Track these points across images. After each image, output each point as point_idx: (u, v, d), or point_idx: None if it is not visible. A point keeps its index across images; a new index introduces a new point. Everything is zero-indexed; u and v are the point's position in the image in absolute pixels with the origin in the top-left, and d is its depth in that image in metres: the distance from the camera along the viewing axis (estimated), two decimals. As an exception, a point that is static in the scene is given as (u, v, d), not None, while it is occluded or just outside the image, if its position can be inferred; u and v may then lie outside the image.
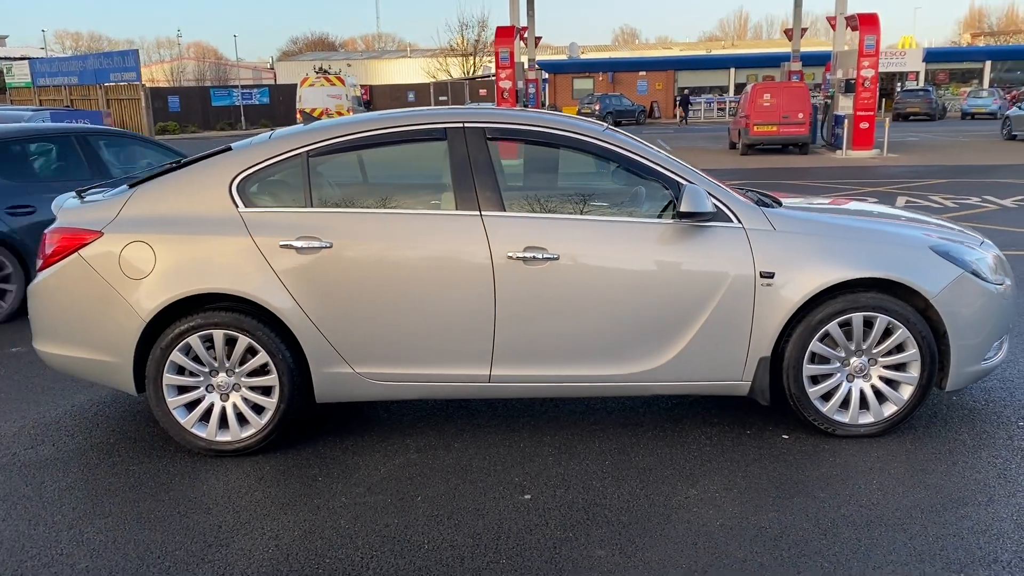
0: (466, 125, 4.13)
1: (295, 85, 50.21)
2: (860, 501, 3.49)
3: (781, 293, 3.95)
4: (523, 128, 4.18)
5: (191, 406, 4.11)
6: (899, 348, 4.04)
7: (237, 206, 4.04)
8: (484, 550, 3.18)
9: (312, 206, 4.06)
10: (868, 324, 4.01)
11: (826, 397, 4.10)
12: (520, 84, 23.22)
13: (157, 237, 3.99)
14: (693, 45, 72.93)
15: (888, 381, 4.09)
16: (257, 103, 48.78)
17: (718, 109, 45.02)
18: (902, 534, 3.22)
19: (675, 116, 45.00)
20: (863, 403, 4.10)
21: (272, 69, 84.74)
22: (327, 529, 3.38)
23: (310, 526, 3.41)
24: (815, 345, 4.02)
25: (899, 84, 43.74)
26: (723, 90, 46.57)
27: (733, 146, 24.53)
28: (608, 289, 3.96)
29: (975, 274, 4.07)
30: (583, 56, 55.24)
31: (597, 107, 40.89)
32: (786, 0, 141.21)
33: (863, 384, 4.10)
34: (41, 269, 4.16)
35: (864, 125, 21.27)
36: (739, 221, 4.02)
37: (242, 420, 4.10)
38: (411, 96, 52.34)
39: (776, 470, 3.80)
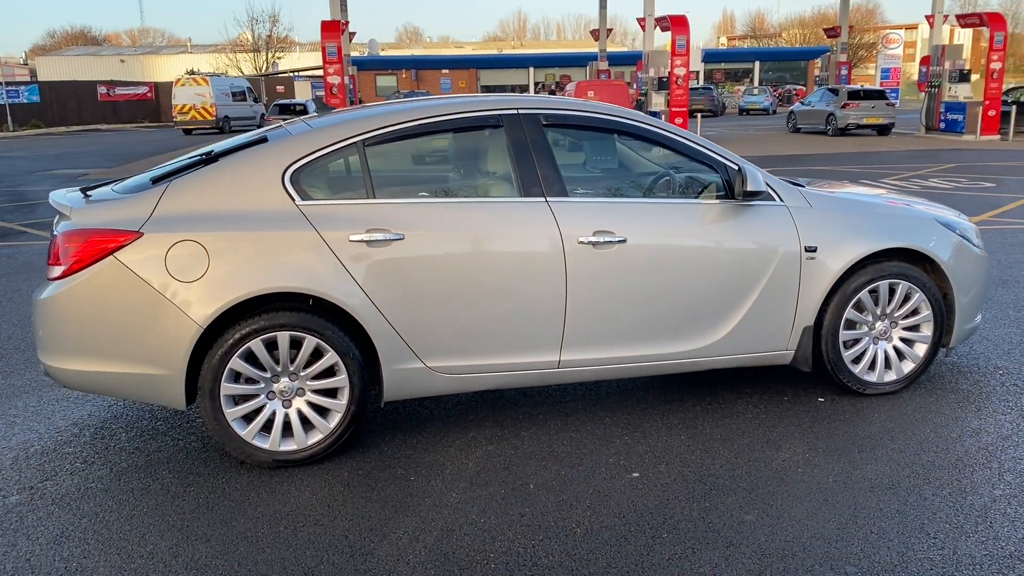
0: (521, 112, 4.11)
1: (74, 82, 46.23)
2: (932, 448, 3.84)
3: (824, 265, 4.26)
4: (577, 114, 4.23)
5: (249, 417, 3.81)
6: (915, 311, 4.47)
7: (294, 199, 3.80)
8: (640, 527, 3.22)
9: (375, 197, 3.89)
10: (891, 291, 4.40)
11: (856, 360, 4.45)
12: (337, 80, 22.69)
13: (208, 235, 3.67)
14: (486, 44, 74.29)
15: (906, 341, 4.52)
16: (26, 101, 44.37)
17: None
18: (985, 471, 3.59)
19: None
20: (887, 363, 4.49)
21: (27, 65, 77.47)
22: (464, 525, 3.28)
23: (444, 524, 3.30)
24: (849, 312, 4.36)
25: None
26: (523, 88, 47.85)
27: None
28: (671, 269, 4.09)
29: (968, 241, 4.57)
30: (383, 53, 54.79)
31: (404, 104, 40.72)
32: (557, 5, 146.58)
33: (886, 345, 4.50)
34: (61, 277, 3.69)
35: (679, 120, 22.67)
36: (781, 199, 4.28)
37: (307, 427, 3.86)
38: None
39: (838, 429, 4.09)
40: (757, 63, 47.87)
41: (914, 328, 4.50)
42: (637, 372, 4.21)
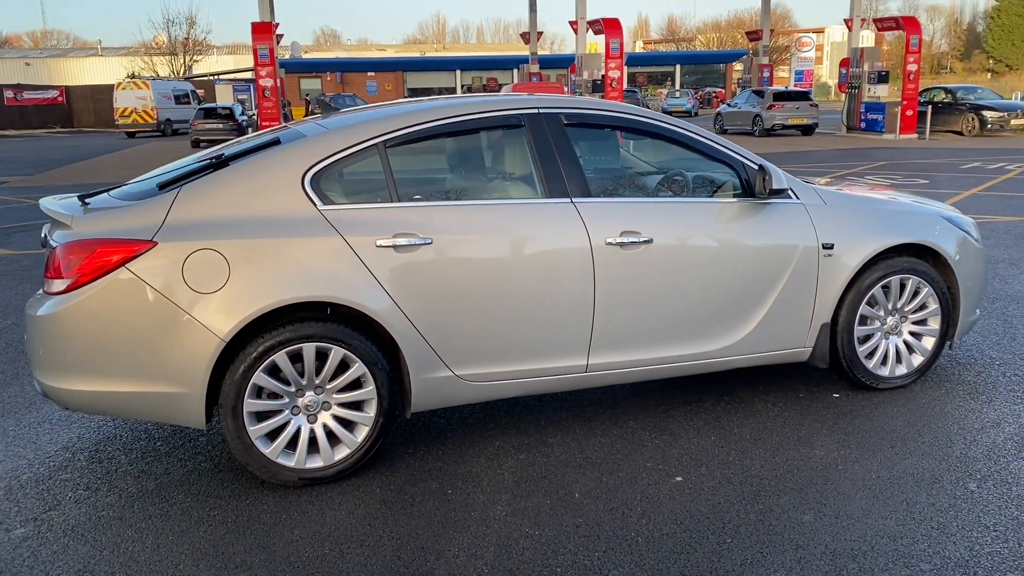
0: (542, 111, 4.02)
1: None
2: (960, 441, 3.89)
3: (841, 262, 4.28)
4: (599, 114, 4.16)
5: (272, 434, 3.61)
6: (923, 306, 4.53)
7: (315, 204, 3.62)
8: (701, 533, 3.16)
9: (399, 200, 3.74)
10: (901, 286, 4.45)
11: (869, 355, 4.49)
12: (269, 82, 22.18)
13: (228, 243, 3.46)
14: (408, 47, 73.76)
15: (915, 335, 4.58)
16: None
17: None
18: (1020, 460, 3.65)
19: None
20: (898, 357, 4.54)
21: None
22: (520, 539, 3.17)
23: (498, 539, 3.17)
24: (863, 308, 4.39)
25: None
26: (451, 91, 47.66)
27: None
28: (696, 268, 4.05)
29: (969, 235, 4.67)
30: (305, 56, 53.84)
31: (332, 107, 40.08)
32: (476, 9, 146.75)
33: (897, 340, 4.55)
34: (65, 291, 3.43)
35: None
36: (797, 197, 4.29)
37: (333, 442, 3.68)
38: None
39: (863, 424, 4.11)
40: (678, 66, 48.75)
41: (922, 322, 4.57)
42: (662, 374, 4.15)
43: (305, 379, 3.59)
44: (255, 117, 33.09)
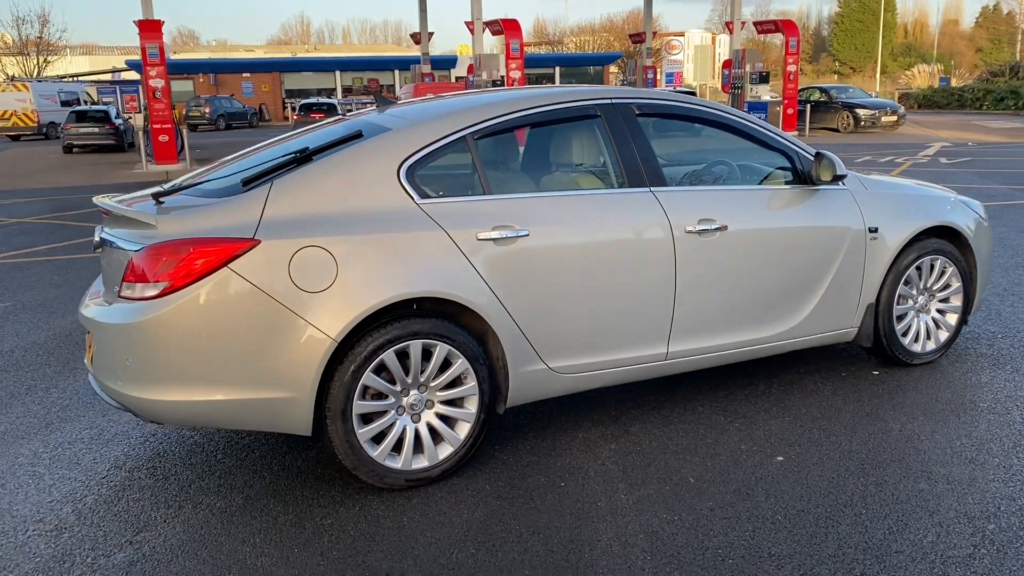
0: (615, 101, 4.04)
1: None
2: (1018, 408, 4.16)
3: (884, 244, 4.49)
4: (666, 104, 4.21)
5: (377, 436, 3.49)
6: (947, 284, 4.82)
7: (412, 198, 3.52)
8: (835, 507, 3.26)
9: (491, 192, 3.68)
10: (931, 266, 4.72)
11: (904, 333, 4.73)
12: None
13: (334, 240, 3.32)
14: (278, 47, 71.68)
15: (941, 312, 4.86)
16: None
17: (329, 111, 45.05)
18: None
19: (287, 118, 44.18)
20: (927, 334, 4.81)
21: None
22: (664, 525, 3.17)
23: (643, 526, 3.17)
24: (901, 288, 4.63)
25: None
26: (330, 92, 46.76)
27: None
28: (765, 254, 4.17)
29: (981, 217, 4.99)
30: (175, 56, 51.51)
31: (207, 109, 38.59)
32: (341, 9, 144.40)
33: (926, 318, 4.81)
34: (160, 295, 3.20)
35: (515, 121, 23.02)
36: (844, 184, 4.48)
37: (436, 441, 3.59)
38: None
39: (919, 398, 4.33)
40: (558, 68, 49.56)
41: (946, 300, 4.85)
42: (732, 359, 4.25)
43: (410, 377, 3.48)
44: (131, 121, 31.49)
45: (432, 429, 3.56)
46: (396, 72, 47.94)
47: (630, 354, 3.93)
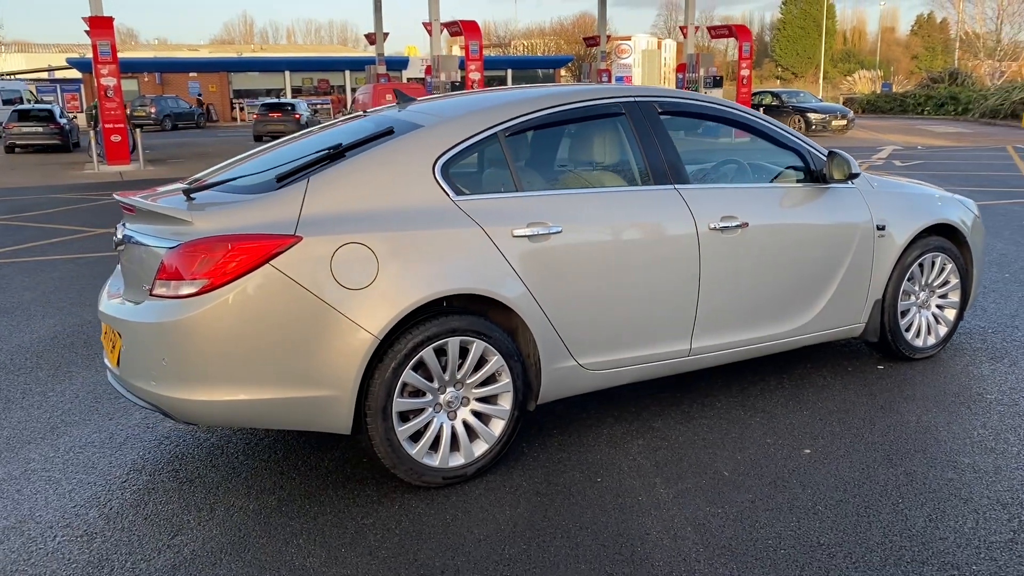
0: (638, 99, 4.08)
1: None
2: (1019, 395, 4.29)
3: (891, 241, 4.61)
4: (687, 103, 4.26)
5: (415, 434, 3.46)
6: (947, 281, 4.96)
7: (447, 194, 3.50)
8: (872, 498, 3.33)
9: (522, 189, 3.69)
10: (932, 263, 4.85)
11: (907, 329, 4.86)
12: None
13: (375, 236, 3.29)
14: (223, 47, 70.37)
15: (940, 307, 4.99)
16: None
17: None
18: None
19: (235, 119, 43.60)
20: (928, 329, 4.94)
21: None
22: (709, 517, 3.21)
23: (689, 519, 3.20)
24: (905, 284, 4.75)
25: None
26: (279, 92, 46.15)
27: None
28: (782, 251, 4.24)
29: (976, 215, 5.15)
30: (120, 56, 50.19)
31: (153, 110, 37.76)
32: (284, 9, 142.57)
33: (927, 313, 4.95)
34: (199, 293, 3.13)
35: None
36: (853, 182, 4.58)
37: (471, 438, 3.58)
38: None
39: (927, 391, 4.44)
40: (510, 71, 49.65)
41: (944, 296, 4.99)
42: (749, 355, 4.31)
43: (447, 374, 3.46)
44: (75, 120, 30.69)
45: (468, 426, 3.55)
46: (347, 73, 47.52)
47: (655, 350, 3.97)
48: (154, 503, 3.48)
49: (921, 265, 4.79)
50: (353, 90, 45.96)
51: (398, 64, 39.77)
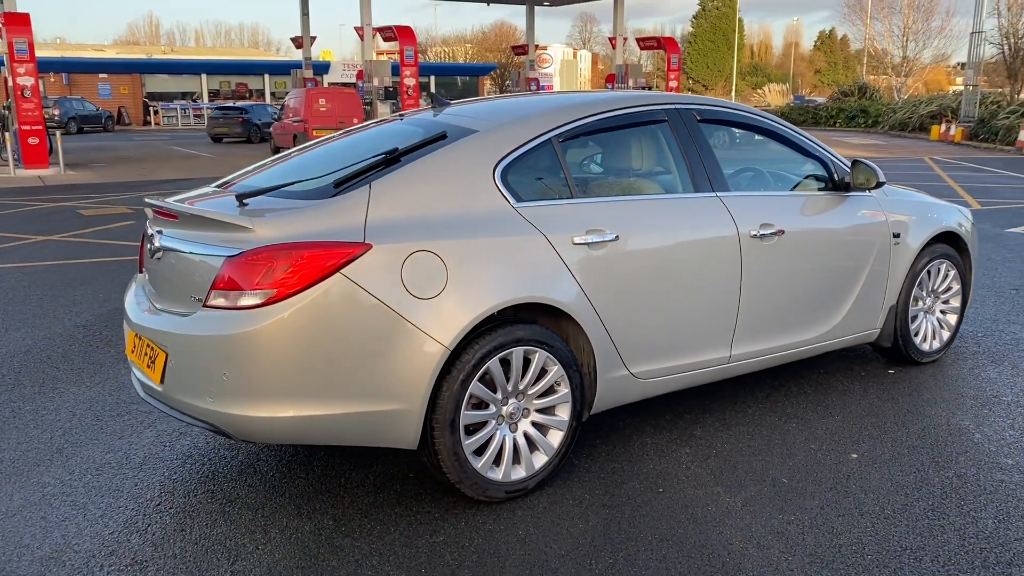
0: (679, 107, 4.07)
1: None
2: (1021, 402, 4.46)
3: (906, 248, 4.72)
4: (721, 111, 4.28)
5: (479, 448, 3.36)
6: (950, 287, 5.11)
7: (508, 200, 3.42)
8: (935, 500, 3.38)
9: (576, 196, 3.64)
10: (938, 270, 5.00)
11: (915, 333, 4.98)
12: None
13: (443, 243, 3.18)
14: (129, 48, 67.79)
15: (943, 312, 5.14)
16: None
17: (195, 115, 43.21)
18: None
19: (148, 122, 42.14)
20: (932, 334, 5.08)
21: None
22: (785, 525, 3.20)
23: (772, 527, 3.18)
24: (915, 290, 4.87)
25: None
26: (195, 95, 44.84)
27: (278, 151, 24.15)
28: (814, 258, 4.30)
29: (972, 221, 5.33)
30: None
31: (56, 112, 36.00)
32: (192, 11, 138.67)
33: (932, 319, 5.09)
34: (265, 304, 2.97)
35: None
36: (871, 191, 4.68)
37: (531, 450, 3.50)
38: None
39: (946, 394, 4.56)
40: (433, 77, 49.41)
41: (947, 301, 5.14)
42: (779, 361, 4.35)
43: (511, 385, 3.37)
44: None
45: (528, 438, 3.46)
46: (266, 76, 46.53)
47: (698, 358, 3.96)
48: (199, 526, 3.28)
49: (928, 272, 4.92)
50: (273, 94, 45.08)
51: (320, 68, 39.07)
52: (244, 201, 3.23)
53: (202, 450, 3.97)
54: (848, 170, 4.55)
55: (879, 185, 4.50)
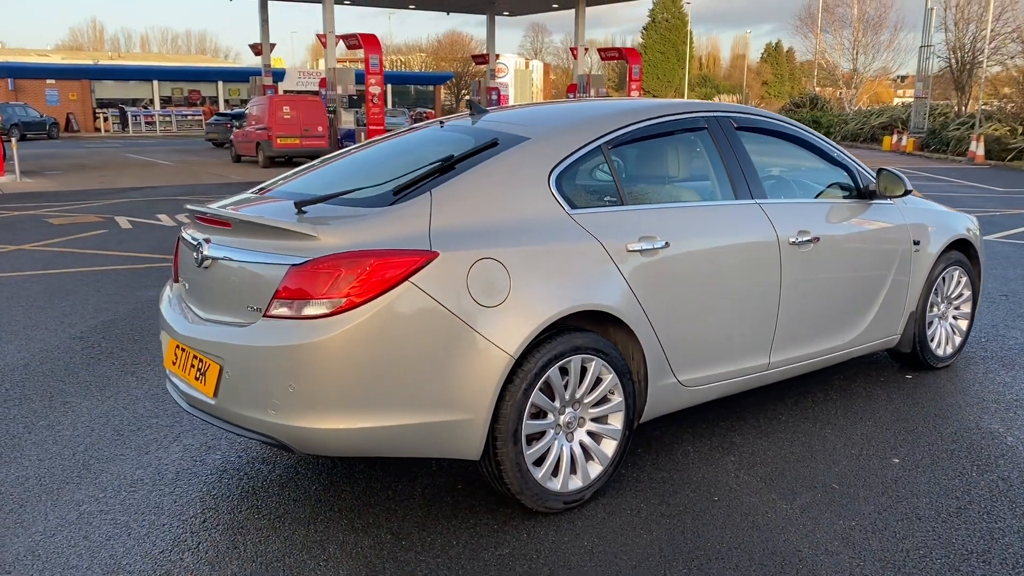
0: (717, 115, 4.09)
1: None
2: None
3: (926, 255, 4.80)
4: (756, 119, 4.30)
5: (538, 459, 3.32)
6: (962, 293, 5.22)
7: (563, 207, 3.40)
8: (989, 503, 3.42)
9: (627, 203, 3.63)
10: (952, 276, 5.09)
11: (931, 338, 5.07)
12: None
13: (506, 251, 3.14)
14: (74, 53, 66.28)
15: (955, 318, 5.24)
16: None
17: (146, 122, 42.38)
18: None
19: (98, 129, 41.18)
20: (946, 339, 5.17)
21: None
22: (849, 531, 3.21)
23: (837, 533, 3.19)
24: (931, 296, 4.96)
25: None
26: (147, 102, 43.97)
27: (239, 159, 23.81)
28: (845, 265, 4.35)
29: (979, 229, 5.45)
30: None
31: (-1, 118, 35.02)
32: (138, 17, 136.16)
33: (945, 324, 5.18)
34: (332, 314, 2.90)
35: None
36: (891, 200, 4.76)
37: (586, 459, 3.47)
38: None
39: (969, 398, 4.64)
40: (390, 86, 49.17)
41: (958, 307, 5.24)
42: (811, 367, 4.38)
43: (568, 394, 3.34)
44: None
45: (583, 448, 3.43)
46: (220, 84, 45.86)
47: (740, 365, 3.97)
48: (251, 544, 3.18)
49: (943, 278, 5.01)
50: (227, 101, 44.43)
51: (277, 76, 38.62)
52: (303, 208, 3.15)
53: (235, 464, 3.87)
54: (872, 178, 4.62)
55: (906, 193, 4.57)
